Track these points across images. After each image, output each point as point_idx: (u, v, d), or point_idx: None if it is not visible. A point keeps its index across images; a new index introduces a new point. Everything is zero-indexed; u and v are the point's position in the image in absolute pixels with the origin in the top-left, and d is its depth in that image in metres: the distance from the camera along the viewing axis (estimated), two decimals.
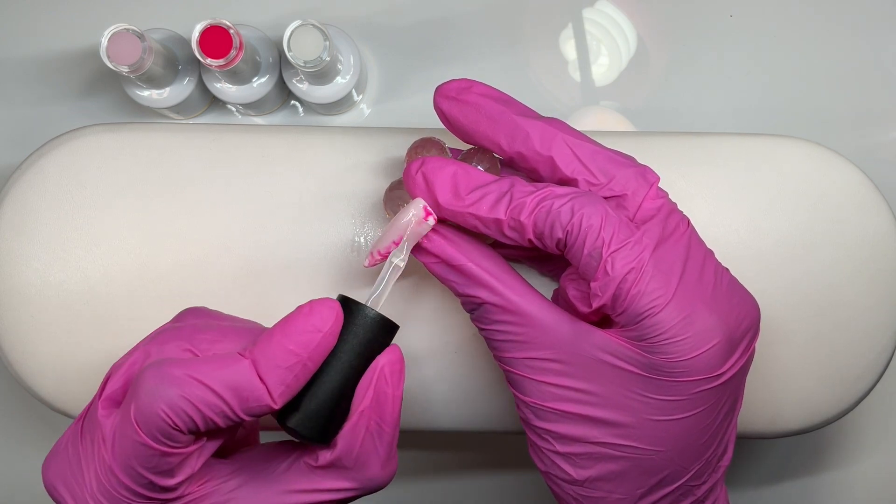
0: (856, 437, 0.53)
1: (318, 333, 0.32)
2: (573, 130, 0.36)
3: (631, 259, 0.33)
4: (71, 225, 0.43)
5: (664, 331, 0.33)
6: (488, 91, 0.36)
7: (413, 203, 0.35)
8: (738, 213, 0.43)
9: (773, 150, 0.44)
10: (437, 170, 0.35)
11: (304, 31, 0.44)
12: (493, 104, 0.36)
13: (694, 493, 0.36)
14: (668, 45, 0.52)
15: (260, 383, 0.32)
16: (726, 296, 0.35)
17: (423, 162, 0.36)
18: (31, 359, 0.43)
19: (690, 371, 0.33)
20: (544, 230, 0.33)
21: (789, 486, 0.54)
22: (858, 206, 0.43)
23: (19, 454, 0.53)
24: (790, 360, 0.43)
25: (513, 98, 0.37)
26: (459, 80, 0.37)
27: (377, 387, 0.33)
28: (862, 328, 0.43)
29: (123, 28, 0.44)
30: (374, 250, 0.36)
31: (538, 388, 0.35)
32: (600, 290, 0.33)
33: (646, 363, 0.33)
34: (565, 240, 0.33)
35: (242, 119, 0.52)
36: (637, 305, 0.33)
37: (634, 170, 0.35)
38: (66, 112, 0.51)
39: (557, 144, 0.35)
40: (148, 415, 0.31)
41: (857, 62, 0.52)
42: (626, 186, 0.35)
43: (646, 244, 0.33)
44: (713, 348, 0.33)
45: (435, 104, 0.37)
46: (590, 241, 0.33)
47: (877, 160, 0.51)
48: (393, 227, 0.35)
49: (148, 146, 0.44)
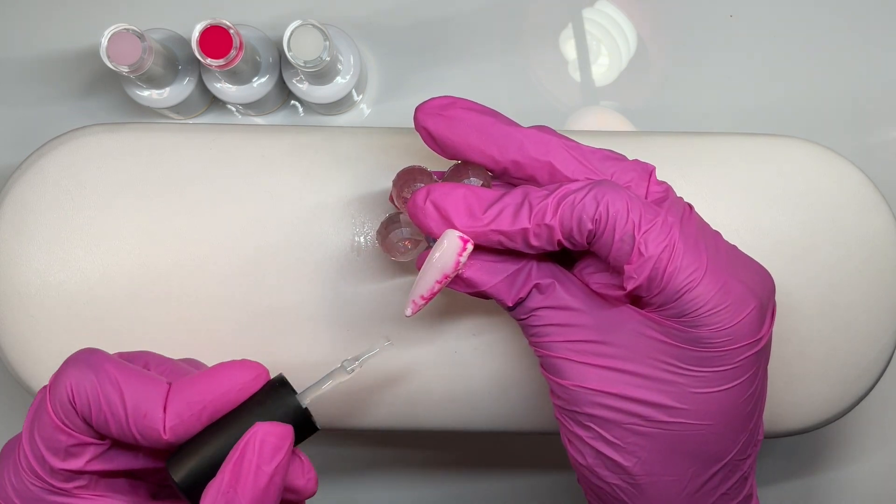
0: (856, 437, 0.53)
1: (229, 387, 0.33)
2: (563, 135, 0.36)
3: (663, 238, 0.33)
4: (71, 225, 0.43)
5: (705, 303, 0.33)
6: (472, 105, 0.36)
7: (446, 235, 0.34)
8: (738, 213, 0.43)
9: (773, 150, 0.44)
10: (446, 195, 0.34)
11: (304, 31, 0.44)
12: (480, 116, 0.35)
13: (740, 469, 0.36)
14: (668, 45, 0.52)
15: (160, 410, 0.33)
16: (745, 265, 0.35)
17: (428, 191, 0.34)
18: (31, 359, 0.43)
19: (735, 338, 0.34)
20: (573, 226, 0.33)
21: (789, 486, 0.54)
22: (858, 206, 0.43)
23: None
24: (790, 360, 0.43)
25: (496, 111, 0.36)
26: (440, 97, 0.36)
27: (242, 456, 0.32)
28: (862, 328, 0.43)
29: (123, 28, 0.44)
30: (416, 297, 0.35)
31: (581, 372, 0.35)
32: (635, 273, 0.33)
33: (690, 338, 0.34)
34: (595, 230, 0.33)
35: (242, 119, 0.52)
36: (675, 282, 0.33)
37: (631, 163, 0.36)
38: (66, 112, 0.51)
39: (554, 148, 0.35)
40: (58, 383, 0.33)
41: (857, 62, 0.52)
42: (628, 178, 0.35)
43: (672, 222, 0.33)
44: (751, 313, 0.34)
45: (417, 123, 0.36)
46: (620, 225, 0.33)
47: (877, 160, 0.51)
48: (431, 266, 0.34)
49: (148, 146, 0.44)
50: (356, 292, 0.42)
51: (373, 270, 0.42)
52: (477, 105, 0.36)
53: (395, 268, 0.42)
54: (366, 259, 0.42)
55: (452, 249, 0.34)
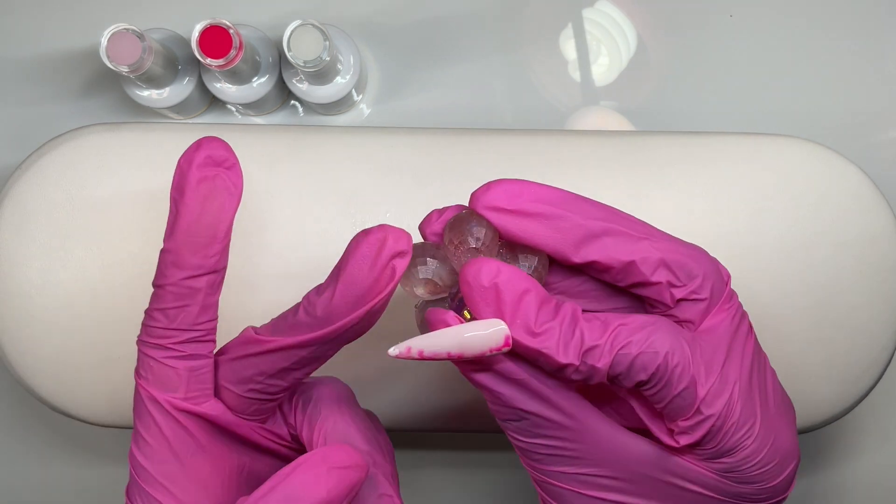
0: (856, 437, 0.53)
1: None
2: (636, 222, 0.32)
3: (724, 397, 0.31)
4: (71, 225, 0.43)
5: (757, 460, 0.32)
6: (541, 193, 0.31)
7: (493, 325, 0.30)
8: (738, 213, 0.43)
9: (774, 150, 0.44)
10: (513, 289, 0.30)
11: (304, 31, 0.44)
12: (552, 209, 0.31)
13: None
14: (668, 46, 0.52)
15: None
16: (788, 407, 0.34)
17: (498, 271, 0.30)
18: (31, 359, 0.43)
19: (774, 494, 0.33)
20: (621, 373, 0.30)
21: None
22: (858, 206, 0.43)
23: (19, 454, 0.53)
24: (790, 360, 0.43)
25: (567, 192, 0.32)
26: (503, 184, 0.31)
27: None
28: (862, 328, 0.43)
29: (123, 28, 0.44)
30: (415, 350, 0.30)
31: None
32: (691, 430, 0.31)
33: (731, 492, 0.32)
34: (647, 381, 0.30)
35: (242, 119, 0.52)
36: (732, 440, 0.31)
37: (712, 266, 0.32)
38: (66, 112, 0.51)
39: (640, 249, 0.31)
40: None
41: (857, 62, 0.52)
42: (708, 289, 0.32)
43: (733, 377, 0.31)
44: (792, 469, 0.33)
45: (477, 209, 0.32)
46: (679, 382, 0.30)
47: (877, 160, 0.51)
48: (456, 339, 0.30)
49: (148, 146, 0.44)
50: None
51: None
52: (545, 192, 0.31)
53: None
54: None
55: (491, 341, 0.30)
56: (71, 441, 0.53)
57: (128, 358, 0.43)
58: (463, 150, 0.44)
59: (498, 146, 0.44)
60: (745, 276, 0.43)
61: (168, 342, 0.32)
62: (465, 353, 0.30)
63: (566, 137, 0.45)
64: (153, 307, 0.33)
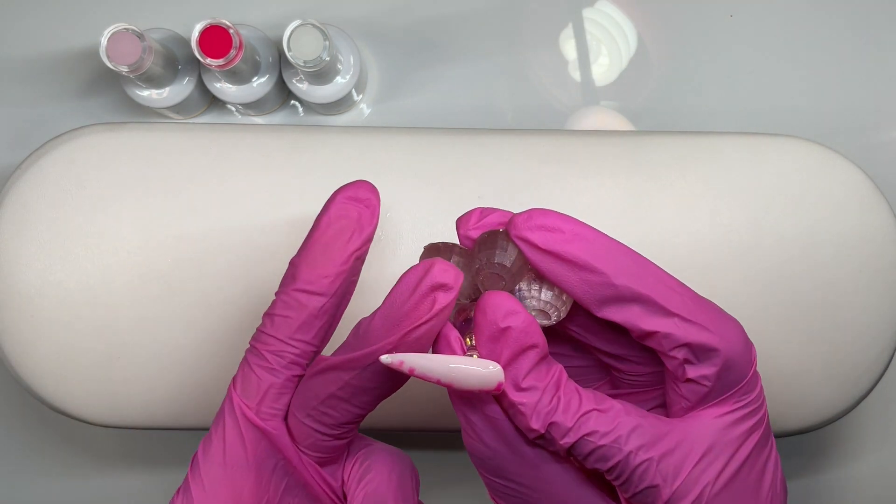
0: (856, 437, 0.53)
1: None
2: (672, 287, 0.31)
3: (689, 499, 0.30)
4: (71, 225, 0.43)
5: None
6: (580, 234, 0.30)
7: (491, 370, 0.29)
8: (738, 213, 0.43)
9: (774, 150, 0.44)
10: (521, 340, 0.29)
11: (304, 31, 0.44)
12: (585, 259, 0.30)
13: None
14: (668, 45, 0.52)
15: None
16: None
17: (515, 315, 0.29)
18: (31, 359, 0.43)
19: None
20: (581, 454, 0.30)
21: (789, 486, 0.54)
22: (859, 206, 0.43)
23: (19, 454, 0.53)
24: (790, 360, 0.43)
25: (608, 240, 0.30)
26: (541, 217, 0.30)
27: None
28: (862, 328, 0.43)
29: (123, 28, 0.44)
30: (406, 365, 0.29)
31: None
32: None
33: None
34: (607, 471, 0.30)
35: (242, 119, 0.52)
36: None
37: (739, 349, 0.31)
38: (66, 112, 0.51)
39: (667, 325, 0.30)
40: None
41: (857, 62, 0.52)
42: (716, 377, 0.30)
43: (705, 479, 0.30)
44: None
45: (512, 234, 0.31)
46: (641, 482, 0.30)
47: (877, 160, 0.51)
48: (455, 370, 0.29)
49: (148, 146, 0.44)
50: (356, 292, 0.42)
51: (373, 270, 0.42)
52: (584, 235, 0.30)
53: (395, 268, 0.42)
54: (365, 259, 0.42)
55: (484, 383, 0.29)
56: (71, 441, 0.53)
57: (128, 358, 0.43)
58: (463, 150, 0.44)
59: (498, 146, 0.44)
60: (745, 276, 0.43)
61: (264, 348, 0.33)
62: (454, 385, 0.29)
63: (566, 137, 0.45)
64: (266, 312, 0.33)
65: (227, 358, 0.43)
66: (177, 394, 0.44)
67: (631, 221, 0.43)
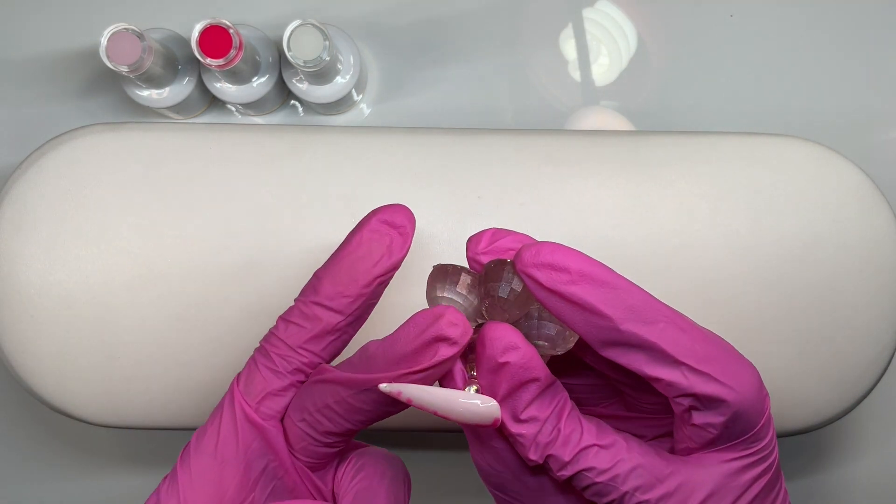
0: (856, 437, 0.53)
1: None
2: (684, 331, 0.30)
3: None
4: (71, 225, 0.43)
5: None
6: (587, 271, 0.29)
7: (489, 406, 0.29)
8: (738, 213, 0.43)
9: (774, 150, 0.44)
10: (521, 375, 0.29)
11: (304, 31, 0.44)
12: (591, 301, 0.29)
13: None
14: (668, 45, 0.52)
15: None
16: None
17: (515, 349, 0.29)
18: (31, 359, 0.43)
19: None
20: (577, 486, 0.30)
21: (789, 486, 0.54)
22: (859, 206, 0.43)
23: (19, 454, 0.53)
24: (790, 360, 0.43)
25: (617, 278, 0.29)
26: (548, 253, 0.29)
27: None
28: (862, 328, 0.43)
29: (123, 28, 0.44)
30: (404, 395, 0.29)
31: None
32: None
33: None
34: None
35: (242, 119, 0.52)
36: None
37: (751, 396, 0.30)
38: (66, 112, 0.51)
39: (674, 374, 0.29)
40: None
41: (857, 62, 0.52)
42: (723, 425, 0.30)
43: None
44: None
45: (518, 269, 0.30)
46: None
47: (877, 160, 0.51)
48: (454, 403, 0.29)
49: (148, 146, 0.44)
50: None
51: None
52: (593, 273, 0.29)
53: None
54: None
55: (480, 418, 0.29)
56: (71, 441, 0.53)
57: (128, 358, 0.43)
58: (463, 150, 0.44)
59: (498, 146, 0.44)
60: (745, 276, 0.43)
61: (273, 350, 0.33)
62: (451, 418, 0.29)
63: (566, 137, 0.45)
64: (280, 316, 0.33)
65: (227, 358, 0.43)
66: (177, 394, 0.44)
67: (631, 221, 0.43)
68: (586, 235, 0.43)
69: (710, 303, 0.43)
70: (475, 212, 0.43)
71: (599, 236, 0.43)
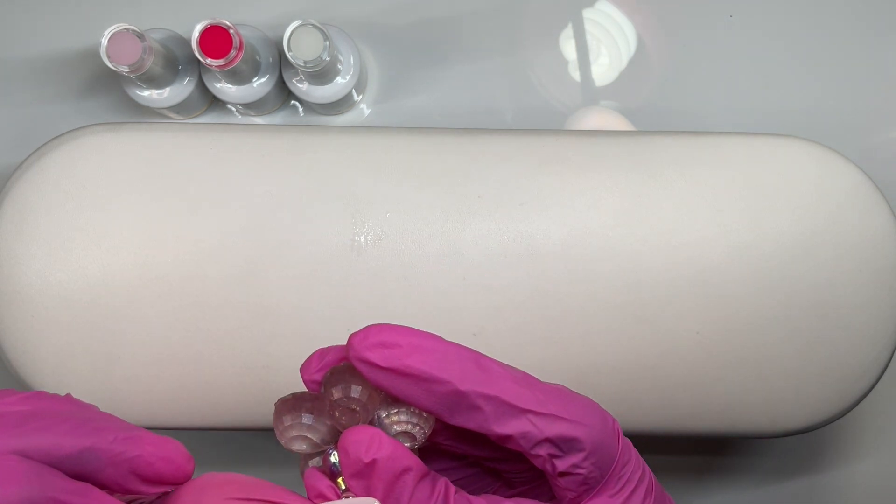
0: (856, 437, 0.53)
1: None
2: (524, 383, 0.30)
3: None
4: (71, 225, 0.43)
5: None
6: (418, 345, 0.29)
7: (366, 499, 0.29)
8: (738, 213, 0.43)
9: (774, 150, 0.44)
10: (392, 468, 0.29)
11: (304, 31, 0.44)
12: (427, 370, 0.29)
13: None
14: (668, 45, 0.52)
15: None
16: None
17: (378, 446, 0.28)
18: (31, 359, 0.43)
19: None
20: None
21: (789, 486, 0.54)
22: (859, 206, 0.43)
23: None
24: (790, 360, 0.43)
25: (449, 346, 0.30)
26: (377, 333, 0.29)
27: None
28: (862, 328, 0.43)
29: (123, 28, 0.44)
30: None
31: None
32: None
33: None
34: None
35: (242, 119, 0.52)
36: None
37: (603, 434, 0.30)
38: (66, 112, 0.52)
39: (520, 424, 0.29)
40: None
41: (857, 62, 0.52)
42: (591, 464, 0.30)
43: None
44: None
45: (351, 357, 0.30)
46: None
47: (877, 160, 0.51)
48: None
49: (148, 146, 0.44)
50: (356, 292, 0.42)
51: (373, 270, 0.42)
52: (424, 345, 0.29)
53: (395, 268, 0.42)
54: (366, 259, 0.42)
55: None
56: None
57: (128, 358, 0.43)
58: (463, 150, 0.44)
59: (498, 146, 0.44)
60: (744, 276, 0.43)
61: None
62: None
63: (566, 137, 0.45)
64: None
65: (227, 358, 0.43)
66: (177, 394, 0.44)
67: (631, 221, 0.43)
68: (586, 235, 0.43)
69: (710, 303, 0.43)
70: (475, 212, 0.43)
71: (599, 236, 0.43)
